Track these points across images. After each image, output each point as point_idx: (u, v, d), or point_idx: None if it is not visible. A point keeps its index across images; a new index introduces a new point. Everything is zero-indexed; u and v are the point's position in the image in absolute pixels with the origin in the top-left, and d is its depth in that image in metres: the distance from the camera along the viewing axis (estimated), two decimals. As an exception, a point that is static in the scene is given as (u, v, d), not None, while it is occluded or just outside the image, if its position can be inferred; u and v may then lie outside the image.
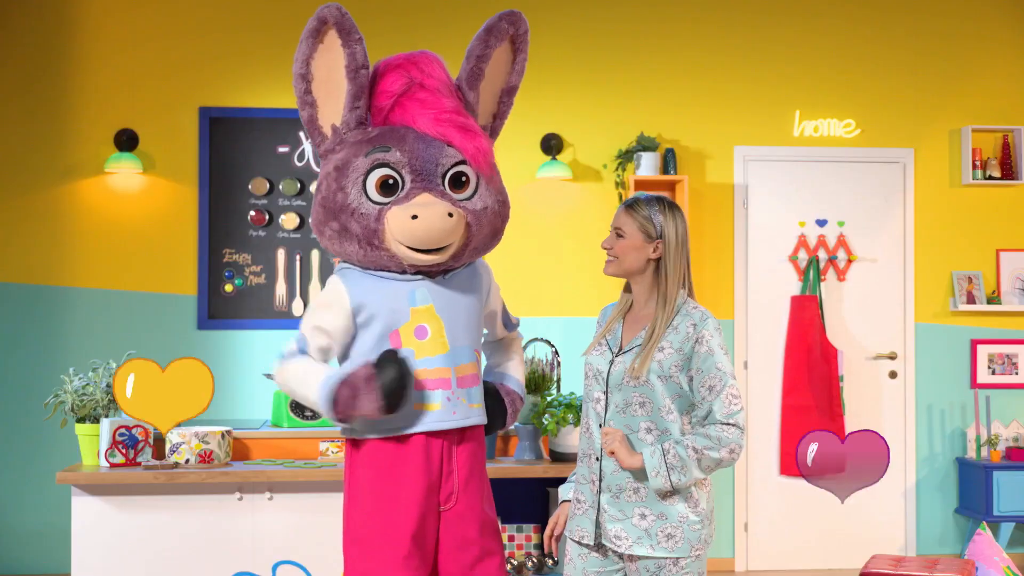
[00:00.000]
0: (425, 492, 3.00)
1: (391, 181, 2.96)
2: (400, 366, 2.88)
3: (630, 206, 3.04)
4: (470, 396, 3.05)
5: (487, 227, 3.06)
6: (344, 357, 3.09)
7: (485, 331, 3.31)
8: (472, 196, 3.03)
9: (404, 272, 3.03)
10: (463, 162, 3.01)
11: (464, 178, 3.02)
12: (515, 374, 3.33)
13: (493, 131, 3.25)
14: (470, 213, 3.01)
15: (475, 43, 3.11)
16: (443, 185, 3.00)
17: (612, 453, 2.93)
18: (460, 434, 3.05)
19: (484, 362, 3.32)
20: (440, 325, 3.02)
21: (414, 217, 2.90)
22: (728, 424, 2.90)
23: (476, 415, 3.07)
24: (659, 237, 3.00)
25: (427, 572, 3.04)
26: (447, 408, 3.00)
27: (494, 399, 3.20)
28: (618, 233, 3.04)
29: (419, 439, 2.99)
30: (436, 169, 2.98)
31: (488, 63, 3.12)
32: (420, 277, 3.04)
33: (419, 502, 2.99)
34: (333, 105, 3.05)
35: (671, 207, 3.02)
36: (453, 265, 3.06)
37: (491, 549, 3.10)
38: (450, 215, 2.92)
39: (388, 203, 2.95)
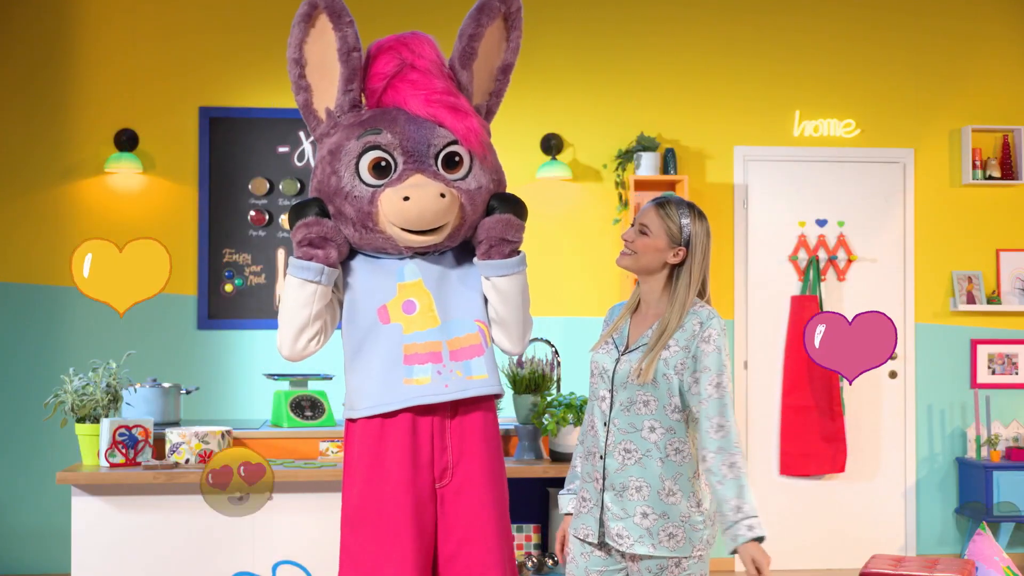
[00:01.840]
0: (416, 469, 2.97)
1: (383, 163, 2.97)
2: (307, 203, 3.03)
3: (660, 205, 3.00)
4: (468, 368, 3.01)
5: (481, 206, 3.05)
6: (344, 338, 3.11)
7: None
8: (466, 176, 3.03)
9: (401, 254, 3.03)
10: (455, 142, 3.01)
11: (457, 158, 3.02)
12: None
13: (489, 109, 3.23)
14: (464, 193, 3.00)
15: (467, 22, 3.10)
16: (436, 166, 3.00)
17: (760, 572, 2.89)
18: (454, 408, 3.02)
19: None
20: (429, 299, 3.01)
21: (406, 199, 2.90)
22: (730, 440, 2.89)
23: (477, 386, 3.01)
24: (683, 244, 2.97)
25: (426, 552, 3.00)
26: (437, 382, 2.97)
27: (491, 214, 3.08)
28: (642, 230, 3.00)
29: (407, 416, 2.97)
30: (428, 150, 2.99)
31: (480, 42, 3.11)
32: (411, 254, 3.04)
33: (410, 480, 2.96)
34: (327, 89, 3.06)
35: (700, 215, 3.00)
36: (448, 245, 3.06)
37: (485, 531, 3.03)
38: (442, 196, 2.92)
39: (381, 185, 2.96)
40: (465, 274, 3.09)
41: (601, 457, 2.99)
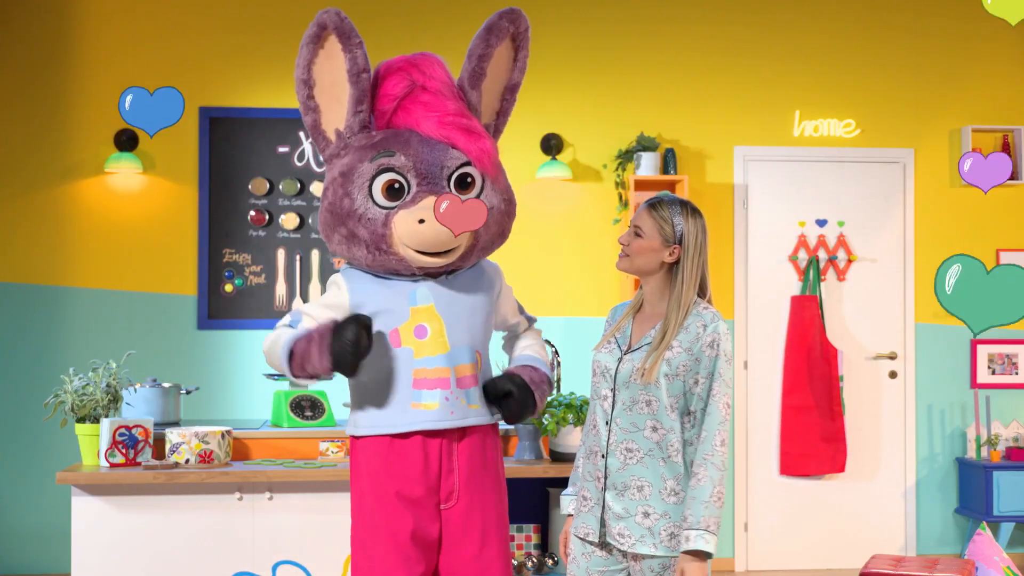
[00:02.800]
0: (423, 490, 3.01)
1: (397, 185, 2.97)
2: (358, 329, 2.85)
3: (652, 206, 3.01)
4: (468, 397, 3.04)
5: (494, 227, 3.07)
6: None
7: (504, 333, 3.33)
8: (478, 197, 3.03)
9: (413, 275, 3.04)
10: (468, 163, 3.02)
11: (469, 179, 3.03)
12: (526, 352, 3.27)
13: (496, 129, 3.26)
14: None
15: (476, 42, 3.11)
16: (449, 187, 3.01)
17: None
18: (461, 432, 3.05)
19: (489, 364, 3.28)
20: (440, 325, 3.02)
21: (421, 221, 2.92)
22: (720, 448, 2.89)
23: (474, 415, 3.05)
24: (677, 242, 2.98)
25: (429, 572, 3.04)
26: (445, 408, 3.00)
27: (498, 388, 3.10)
28: (636, 231, 3.01)
29: (417, 437, 3.00)
30: (441, 172, 2.99)
31: (490, 62, 3.12)
32: (423, 277, 3.05)
33: (417, 500, 3.00)
34: (336, 110, 3.06)
35: (694, 212, 3.00)
36: (461, 265, 3.07)
37: (492, 552, 3.08)
38: None
39: (395, 207, 2.97)
40: (475, 302, 3.10)
41: (603, 456, 3.00)
